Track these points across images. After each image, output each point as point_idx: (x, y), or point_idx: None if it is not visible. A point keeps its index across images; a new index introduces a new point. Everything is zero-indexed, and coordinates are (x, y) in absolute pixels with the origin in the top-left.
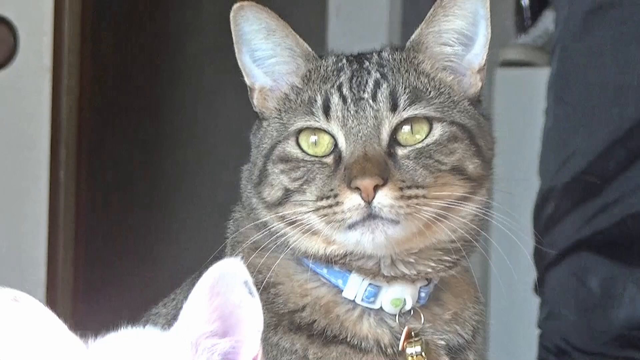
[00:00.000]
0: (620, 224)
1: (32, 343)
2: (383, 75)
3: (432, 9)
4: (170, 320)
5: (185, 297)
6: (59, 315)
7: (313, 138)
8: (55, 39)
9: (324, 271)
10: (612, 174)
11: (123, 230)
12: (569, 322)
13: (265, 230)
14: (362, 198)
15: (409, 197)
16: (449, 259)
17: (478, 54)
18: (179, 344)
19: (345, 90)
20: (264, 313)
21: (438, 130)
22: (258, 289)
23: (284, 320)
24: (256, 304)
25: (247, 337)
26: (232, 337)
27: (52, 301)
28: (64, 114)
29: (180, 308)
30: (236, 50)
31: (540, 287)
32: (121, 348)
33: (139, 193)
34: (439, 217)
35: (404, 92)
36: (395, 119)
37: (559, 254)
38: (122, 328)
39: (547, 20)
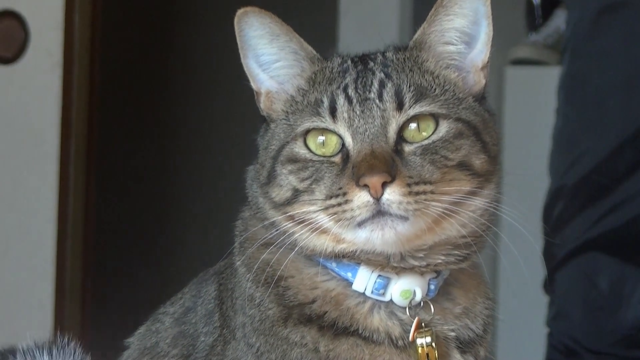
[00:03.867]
0: (629, 224)
1: None
2: (387, 75)
3: (433, 8)
4: (177, 319)
5: (192, 296)
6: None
7: (320, 138)
8: (66, 34)
9: (333, 265)
10: (622, 174)
11: (132, 226)
12: (577, 321)
13: (274, 230)
14: (371, 195)
15: (417, 193)
16: (459, 253)
17: (481, 51)
18: None
19: (350, 91)
20: (274, 306)
21: (444, 126)
22: (269, 283)
23: (294, 312)
24: None
25: None
26: None
27: (61, 297)
28: (74, 109)
29: (187, 307)
30: (241, 56)
31: (549, 286)
32: None
33: (148, 189)
34: (448, 213)
35: (409, 91)
36: (402, 118)
37: (568, 254)
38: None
39: (558, 19)
